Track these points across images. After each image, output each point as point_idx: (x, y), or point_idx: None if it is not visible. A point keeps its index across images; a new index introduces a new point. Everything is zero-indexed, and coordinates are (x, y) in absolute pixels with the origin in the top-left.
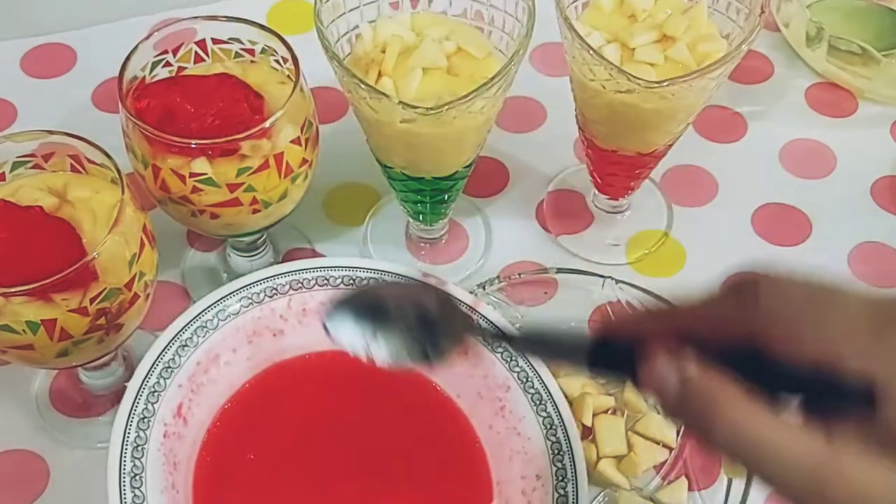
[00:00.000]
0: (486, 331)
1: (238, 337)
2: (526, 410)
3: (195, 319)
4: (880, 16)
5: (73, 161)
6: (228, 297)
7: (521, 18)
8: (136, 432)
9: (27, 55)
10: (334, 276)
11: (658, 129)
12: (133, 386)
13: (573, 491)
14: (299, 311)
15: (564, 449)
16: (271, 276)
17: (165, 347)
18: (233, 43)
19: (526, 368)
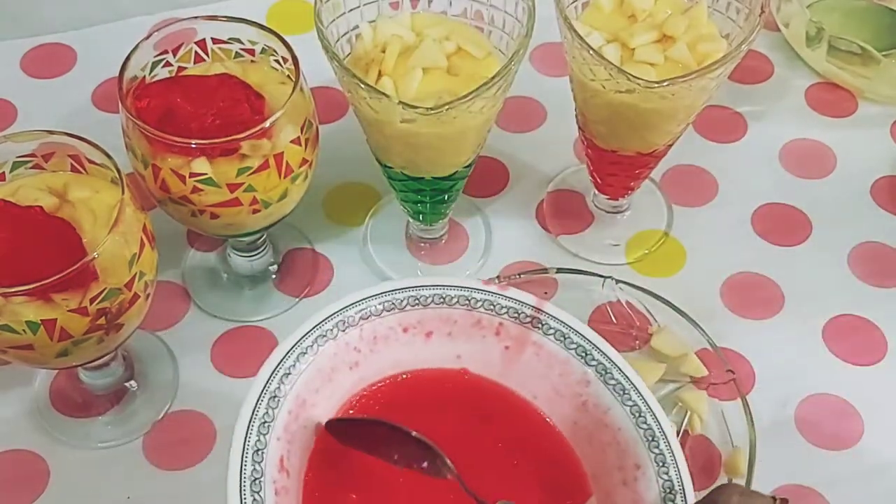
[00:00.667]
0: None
1: (320, 377)
2: (610, 402)
3: (279, 367)
4: (880, 15)
5: (73, 161)
6: (304, 337)
7: (521, 18)
8: (252, 495)
9: (27, 55)
10: (399, 299)
11: (658, 129)
12: (236, 448)
13: (676, 476)
14: (370, 339)
15: (658, 435)
16: (340, 310)
17: (257, 402)
18: (233, 43)
19: (603, 360)
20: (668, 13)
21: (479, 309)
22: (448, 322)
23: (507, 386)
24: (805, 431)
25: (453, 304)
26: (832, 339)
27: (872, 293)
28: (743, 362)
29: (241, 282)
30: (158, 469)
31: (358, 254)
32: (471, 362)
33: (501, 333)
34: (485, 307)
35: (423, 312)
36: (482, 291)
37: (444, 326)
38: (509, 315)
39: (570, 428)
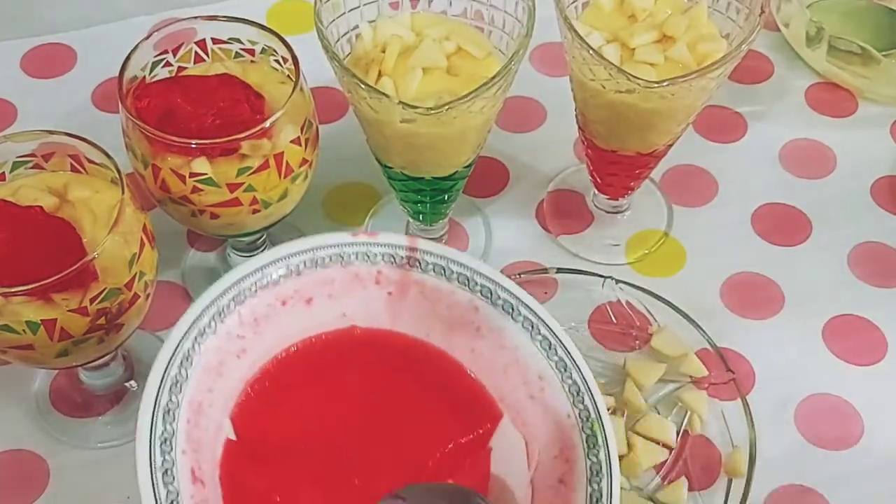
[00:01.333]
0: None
1: (210, 375)
2: (502, 322)
3: (165, 378)
4: (880, 15)
5: (73, 161)
6: (183, 340)
7: (521, 18)
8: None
9: (27, 55)
10: (269, 273)
11: (658, 129)
12: (143, 474)
13: (580, 378)
14: (251, 322)
15: (554, 343)
16: (212, 302)
17: (152, 421)
18: (233, 43)
19: (487, 284)
20: (668, 13)
21: (353, 263)
22: (326, 283)
23: (399, 331)
24: (805, 431)
25: (327, 264)
26: (832, 339)
27: (872, 293)
28: (743, 362)
29: None
30: None
31: None
32: (357, 317)
33: (381, 281)
34: (359, 259)
35: (298, 280)
36: (353, 244)
37: (322, 289)
38: (385, 261)
39: (469, 357)
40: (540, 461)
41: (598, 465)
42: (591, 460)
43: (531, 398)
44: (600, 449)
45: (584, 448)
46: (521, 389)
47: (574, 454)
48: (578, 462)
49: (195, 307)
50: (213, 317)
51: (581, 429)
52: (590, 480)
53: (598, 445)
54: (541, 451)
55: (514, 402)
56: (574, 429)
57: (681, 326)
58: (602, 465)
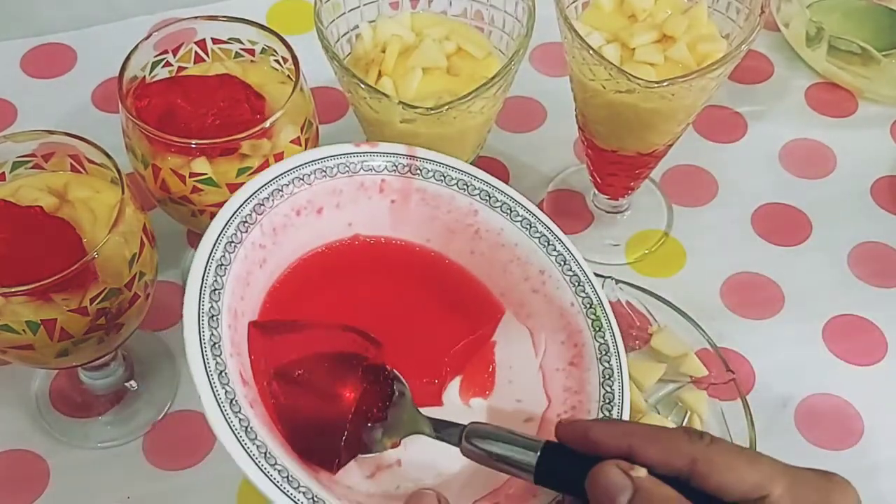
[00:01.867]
0: (437, 422)
1: (240, 284)
2: (501, 223)
3: (203, 284)
4: (880, 15)
5: (73, 161)
6: (215, 247)
7: (521, 18)
8: (236, 417)
9: (27, 55)
10: (285, 183)
11: (658, 129)
12: (200, 375)
13: (580, 270)
14: (271, 232)
15: (552, 239)
16: (237, 209)
17: (199, 326)
18: (233, 43)
19: (485, 188)
20: (669, 13)
21: (359, 172)
22: (335, 193)
23: (400, 238)
24: (805, 431)
25: (335, 174)
26: (832, 339)
27: (872, 293)
28: (743, 362)
29: None
30: (158, 469)
31: None
32: (361, 226)
33: (385, 189)
34: (364, 168)
35: (311, 190)
36: (358, 154)
37: (332, 199)
38: (388, 170)
39: (469, 258)
40: (547, 348)
41: (606, 345)
42: (599, 342)
43: (534, 292)
44: (605, 331)
45: (590, 331)
46: (523, 285)
47: (581, 338)
48: (587, 345)
49: (222, 214)
50: (237, 226)
51: (585, 314)
52: (600, 360)
53: (603, 328)
54: (547, 339)
55: (516, 297)
56: (579, 315)
57: (681, 326)
58: (609, 345)
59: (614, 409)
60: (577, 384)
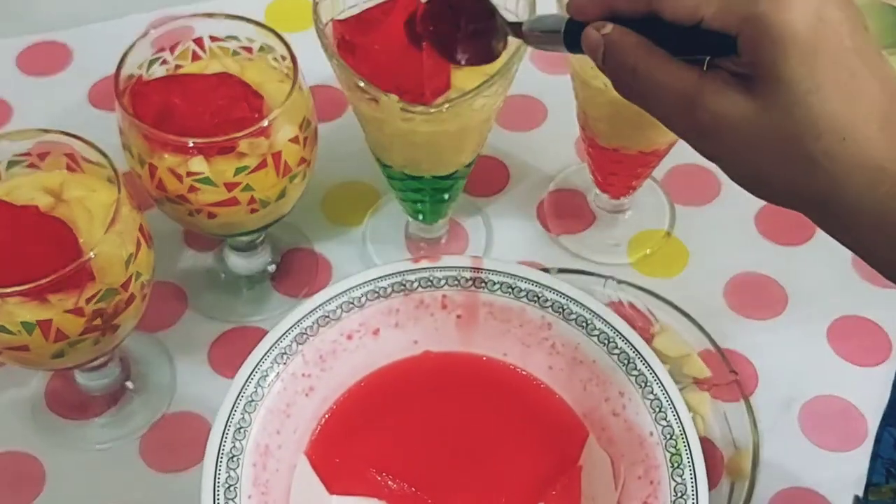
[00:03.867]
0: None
1: (277, 417)
2: (577, 337)
3: (229, 423)
4: (882, 14)
5: (69, 160)
6: (246, 384)
7: (521, 16)
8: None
9: (23, 53)
10: (331, 310)
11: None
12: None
13: (662, 393)
14: (317, 360)
15: (632, 356)
16: (274, 344)
17: (216, 468)
18: (230, 41)
19: (558, 298)
20: None
21: (416, 290)
22: (390, 313)
23: (474, 353)
24: (809, 433)
25: (389, 294)
26: (836, 340)
27: (877, 294)
28: (746, 363)
29: (239, 282)
30: (155, 471)
31: (357, 253)
32: (429, 343)
33: (448, 305)
34: (422, 285)
35: (362, 313)
36: (414, 271)
37: (388, 319)
38: (449, 284)
39: (548, 374)
40: (626, 481)
41: (684, 486)
42: (676, 480)
43: (614, 415)
44: (685, 468)
45: (667, 468)
46: (604, 406)
47: (658, 474)
48: (662, 483)
49: (258, 351)
50: (274, 359)
51: (665, 447)
52: (674, 503)
53: (683, 465)
54: (626, 471)
55: (597, 419)
56: (657, 447)
57: (683, 327)
58: (687, 486)
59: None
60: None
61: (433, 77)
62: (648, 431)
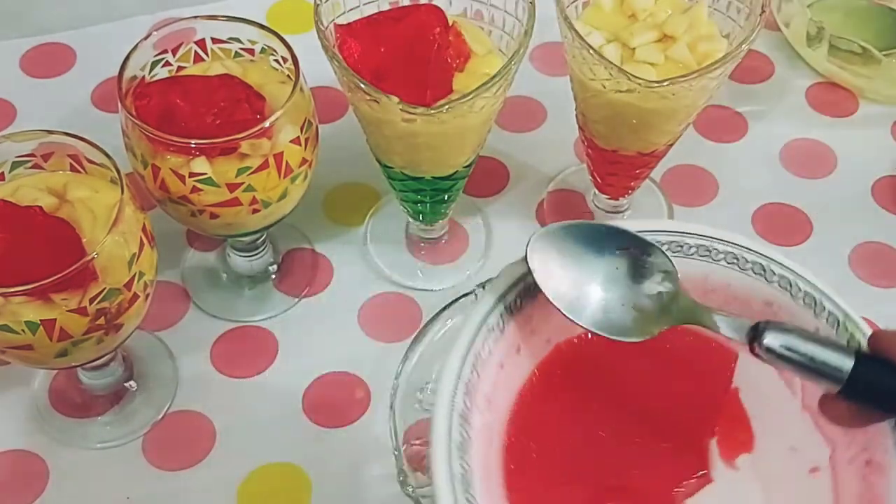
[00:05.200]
0: (720, 313)
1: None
2: (703, 268)
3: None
4: (881, 15)
5: (72, 161)
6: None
7: (521, 18)
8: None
9: (27, 55)
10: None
11: (658, 128)
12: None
13: (811, 288)
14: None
15: (765, 265)
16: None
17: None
18: (232, 42)
19: (675, 239)
20: (669, 13)
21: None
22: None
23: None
24: None
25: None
26: None
27: (873, 293)
28: None
29: (241, 282)
30: (158, 469)
31: (358, 254)
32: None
33: None
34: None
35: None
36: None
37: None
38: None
39: None
40: (806, 384)
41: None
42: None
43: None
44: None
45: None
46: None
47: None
48: None
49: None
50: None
51: (836, 331)
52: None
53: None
54: None
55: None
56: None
57: None
58: None
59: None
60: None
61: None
62: (814, 328)
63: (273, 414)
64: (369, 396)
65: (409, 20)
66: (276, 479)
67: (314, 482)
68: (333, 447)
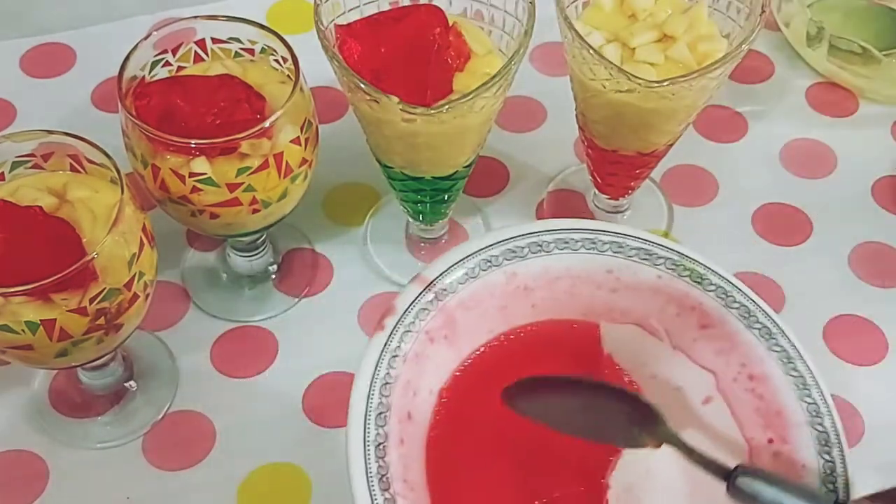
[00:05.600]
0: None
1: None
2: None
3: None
4: (881, 15)
5: (72, 161)
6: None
7: (521, 18)
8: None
9: (27, 55)
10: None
11: (658, 128)
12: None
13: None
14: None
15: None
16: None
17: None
18: (232, 42)
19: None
20: (669, 13)
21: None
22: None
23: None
24: None
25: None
26: (833, 339)
27: (873, 293)
28: None
29: (241, 282)
30: (158, 469)
31: (358, 254)
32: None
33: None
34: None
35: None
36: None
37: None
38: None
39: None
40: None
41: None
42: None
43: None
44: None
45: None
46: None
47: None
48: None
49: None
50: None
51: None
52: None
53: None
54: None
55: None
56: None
57: None
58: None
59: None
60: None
61: (437, 87)
62: (656, 276)
63: (273, 414)
64: None
65: (410, 20)
66: (276, 479)
67: (314, 482)
68: (333, 447)
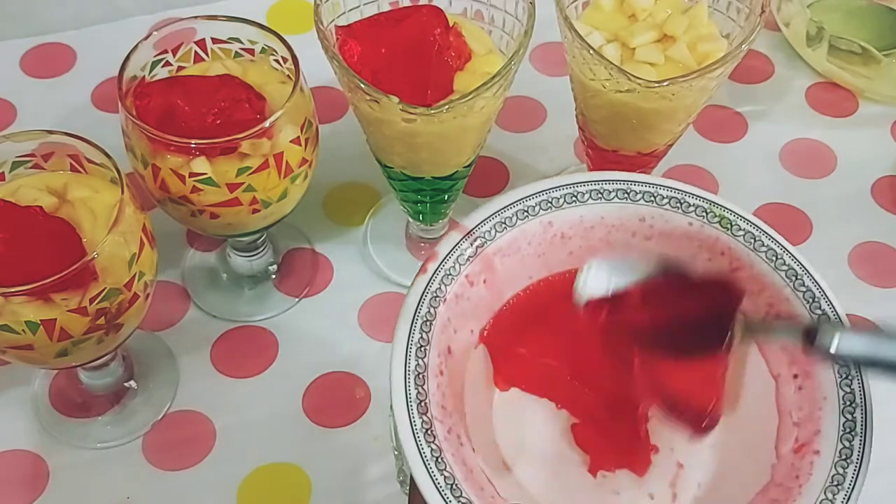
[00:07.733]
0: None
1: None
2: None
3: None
4: (881, 15)
5: (72, 161)
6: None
7: (521, 18)
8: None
9: (27, 55)
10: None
11: (658, 128)
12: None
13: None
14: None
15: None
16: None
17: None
18: (232, 42)
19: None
20: (669, 13)
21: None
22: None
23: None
24: None
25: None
26: None
27: (873, 293)
28: None
29: (241, 282)
30: (158, 469)
31: (358, 253)
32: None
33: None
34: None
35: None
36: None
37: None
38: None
39: None
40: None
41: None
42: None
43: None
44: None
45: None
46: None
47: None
48: None
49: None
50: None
51: None
52: None
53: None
54: None
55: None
56: None
57: None
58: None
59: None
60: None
61: (437, 87)
62: (687, 223)
63: (273, 414)
64: (369, 396)
65: (410, 21)
66: (276, 479)
67: (314, 482)
68: (333, 447)
